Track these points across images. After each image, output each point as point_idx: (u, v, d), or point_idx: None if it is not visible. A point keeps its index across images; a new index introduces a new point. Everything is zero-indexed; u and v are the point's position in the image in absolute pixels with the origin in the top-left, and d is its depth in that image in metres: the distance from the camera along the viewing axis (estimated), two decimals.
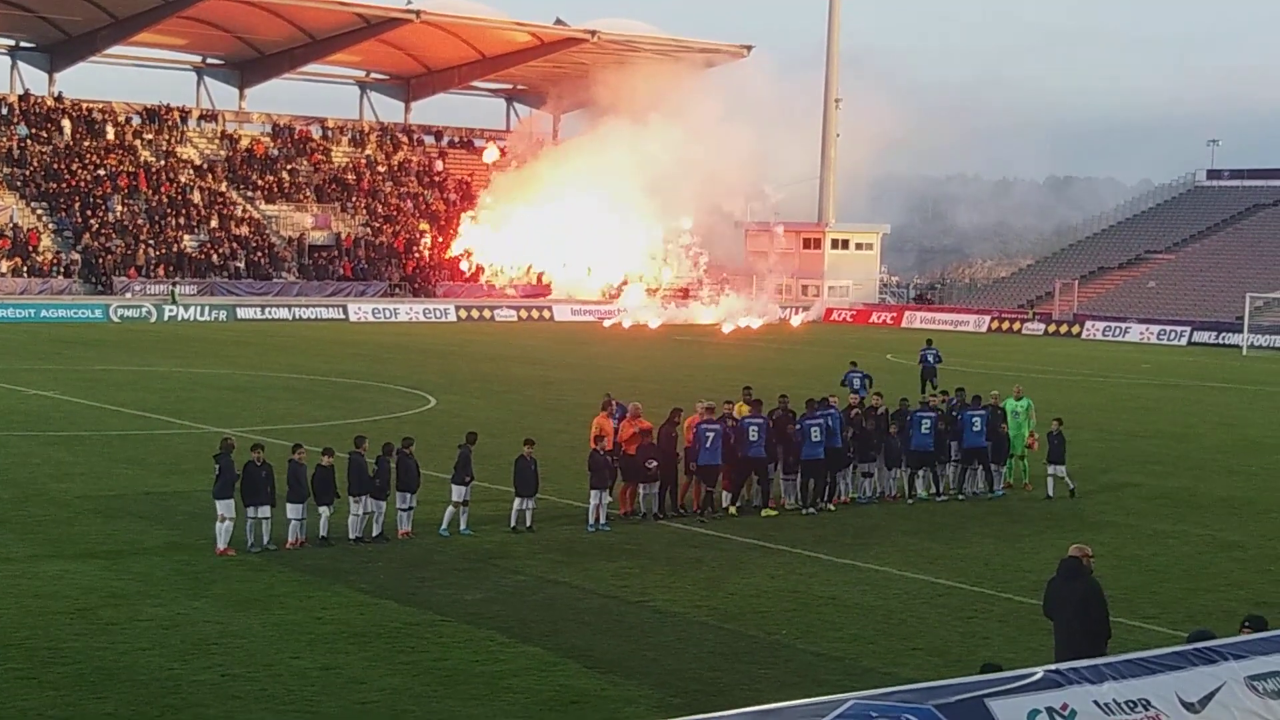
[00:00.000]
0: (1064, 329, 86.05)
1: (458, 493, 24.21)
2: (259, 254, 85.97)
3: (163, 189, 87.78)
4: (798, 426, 27.14)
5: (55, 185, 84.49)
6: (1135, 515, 27.93)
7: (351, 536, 23.18)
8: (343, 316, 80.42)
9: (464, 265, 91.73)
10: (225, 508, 22.30)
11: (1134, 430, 41.09)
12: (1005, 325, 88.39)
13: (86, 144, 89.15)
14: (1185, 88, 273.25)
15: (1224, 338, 79.40)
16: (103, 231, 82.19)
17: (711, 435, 26.14)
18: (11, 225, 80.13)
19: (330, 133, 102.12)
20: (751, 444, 26.56)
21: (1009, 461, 30.18)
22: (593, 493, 25.16)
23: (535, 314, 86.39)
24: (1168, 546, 24.90)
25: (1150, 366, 64.28)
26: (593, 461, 25.31)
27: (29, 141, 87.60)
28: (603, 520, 25.07)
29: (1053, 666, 11.22)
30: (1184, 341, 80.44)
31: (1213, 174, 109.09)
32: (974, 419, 28.85)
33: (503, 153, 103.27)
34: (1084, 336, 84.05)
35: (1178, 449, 37.61)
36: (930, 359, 46.56)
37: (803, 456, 27.04)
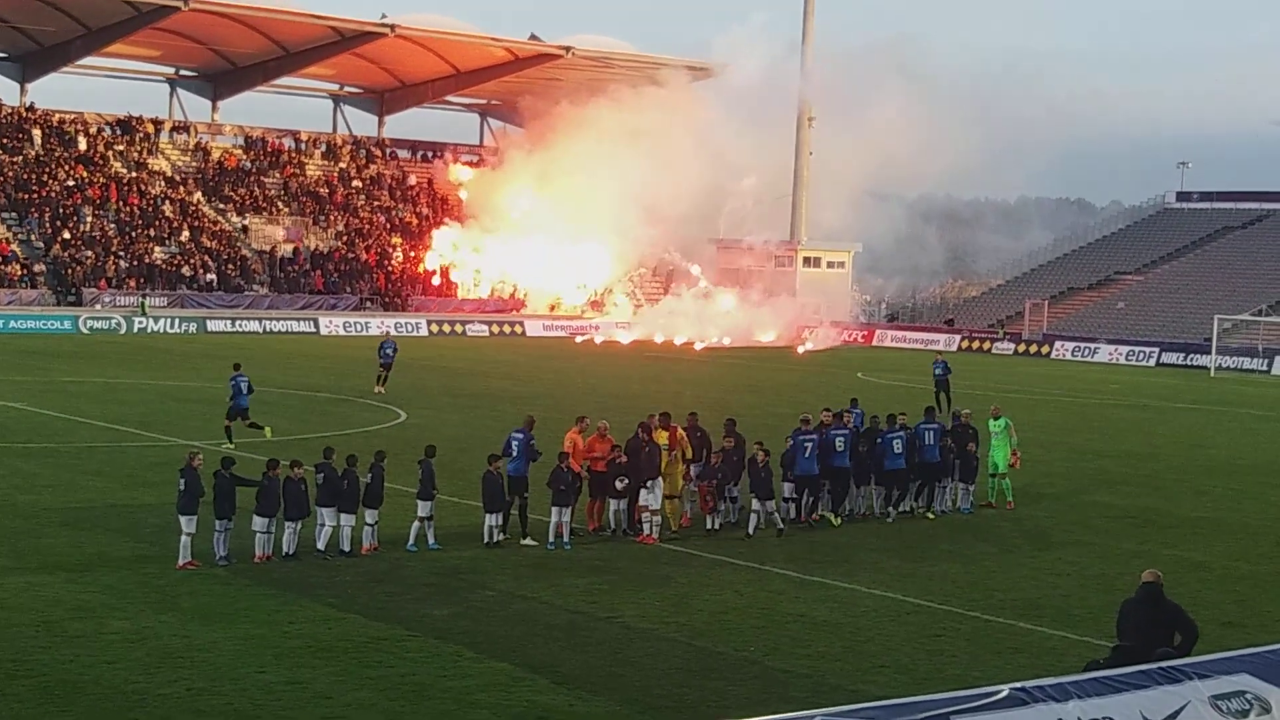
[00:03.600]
0: (1033, 349, 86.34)
1: (423, 508, 24.14)
2: (230, 266, 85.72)
3: (133, 200, 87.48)
4: (879, 440, 28.25)
5: (25, 195, 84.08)
6: (1102, 534, 28.06)
7: (319, 548, 23.12)
8: (314, 330, 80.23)
9: (436, 280, 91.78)
10: (188, 523, 22.22)
11: (1101, 450, 41.27)
12: (975, 345, 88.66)
13: (57, 154, 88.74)
14: (1155, 110, 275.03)
15: (1192, 359, 79.80)
16: (73, 243, 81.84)
17: (810, 445, 27.09)
18: None
19: (303, 145, 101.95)
20: (837, 454, 27.54)
21: (990, 481, 30.31)
22: (553, 510, 24.97)
23: (507, 329, 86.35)
24: (1134, 566, 24.91)
25: (1119, 387, 64.59)
26: (552, 478, 25.14)
27: None
28: (565, 538, 24.92)
29: (1018, 684, 11.28)
30: (1152, 362, 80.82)
31: (1182, 196, 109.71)
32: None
33: (473, 166, 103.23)
34: (1053, 356, 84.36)
35: (1145, 469, 37.80)
36: (938, 371, 49.21)
37: (885, 468, 28.27)
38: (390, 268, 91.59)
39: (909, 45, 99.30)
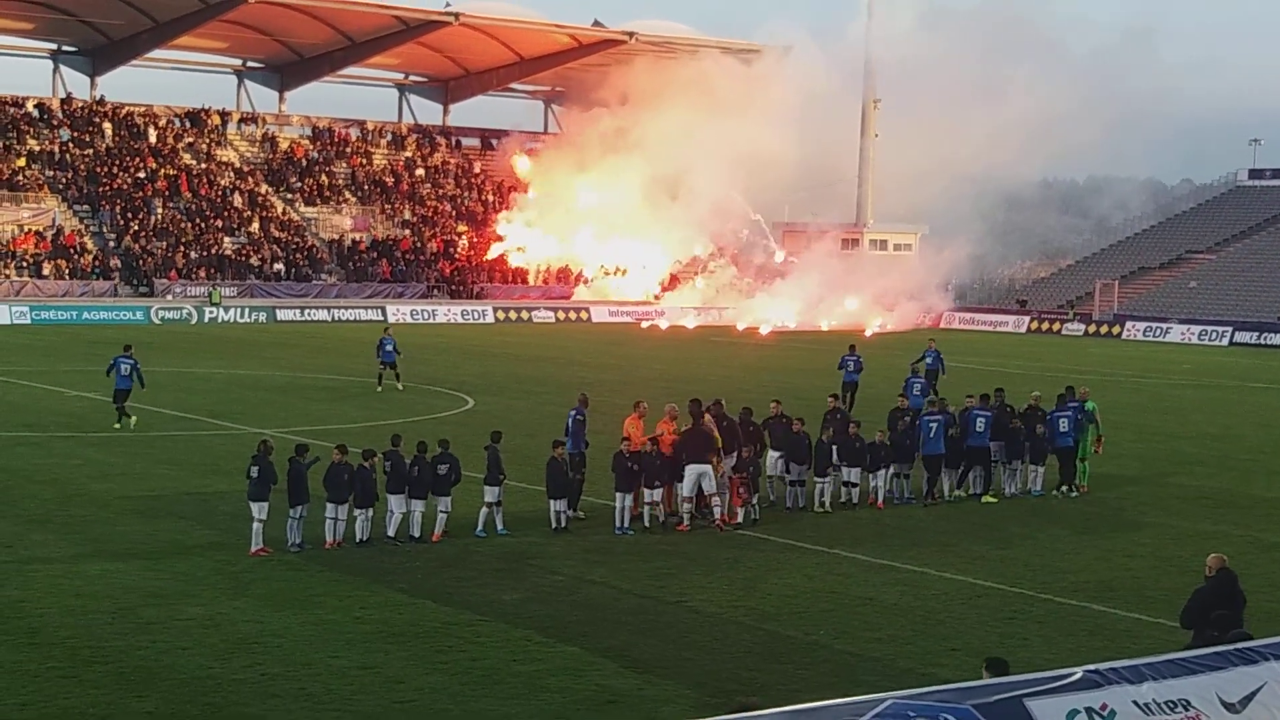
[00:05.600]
0: (1104, 329, 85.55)
1: (490, 493, 24.23)
2: (298, 256, 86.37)
3: (203, 192, 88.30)
4: (1048, 418, 29.29)
5: (97, 188, 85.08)
6: (1176, 516, 27.77)
7: (390, 534, 23.25)
8: (382, 318, 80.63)
9: (511, 261, 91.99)
10: (260, 509, 22.40)
11: (1174, 431, 40.83)
12: (1045, 326, 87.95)
13: (128, 147, 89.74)
14: (1227, 86, 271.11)
15: (1265, 338, 78.78)
16: (143, 234, 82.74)
17: (935, 425, 27.94)
18: (54, 228, 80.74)
19: (369, 135, 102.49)
20: (977, 434, 28.30)
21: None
22: (616, 495, 25.03)
23: (573, 315, 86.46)
24: (1209, 548, 24.53)
25: (1191, 367, 63.86)
26: (614, 463, 25.17)
27: (71, 145, 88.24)
28: (625, 523, 24.83)
29: (1092, 666, 11.17)
30: (1225, 342, 79.87)
31: (1254, 173, 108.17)
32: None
33: (537, 153, 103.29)
34: (1124, 337, 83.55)
35: (1218, 450, 37.36)
36: (852, 366, 41.95)
37: (1058, 444, 29.23)
38: (456, 255, 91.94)
39: (977, 23, 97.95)
